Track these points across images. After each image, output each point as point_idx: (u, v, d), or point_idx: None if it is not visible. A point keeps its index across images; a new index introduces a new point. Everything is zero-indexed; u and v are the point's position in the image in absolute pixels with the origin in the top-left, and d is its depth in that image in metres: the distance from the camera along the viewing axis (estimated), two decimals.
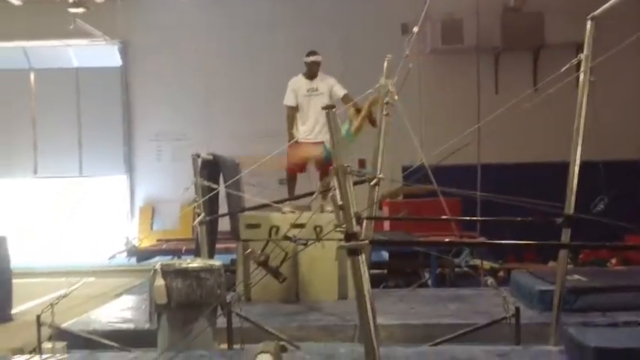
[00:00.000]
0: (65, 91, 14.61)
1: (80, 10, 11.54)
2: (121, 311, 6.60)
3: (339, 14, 13.95)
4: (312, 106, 7.68)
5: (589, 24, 4.53)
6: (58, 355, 4.85)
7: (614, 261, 9.96)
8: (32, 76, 14.72)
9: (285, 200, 7.45)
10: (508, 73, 13.52)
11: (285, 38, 13.34)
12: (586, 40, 4.56)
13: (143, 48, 14.35)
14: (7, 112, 14.60)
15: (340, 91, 7.80)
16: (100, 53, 14.41)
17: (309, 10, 13.86)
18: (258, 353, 3.42)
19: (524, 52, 13.63)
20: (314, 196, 4.64)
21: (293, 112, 7.80)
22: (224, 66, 14.01)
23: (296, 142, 7.50)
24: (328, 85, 7.78)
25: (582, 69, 4.53)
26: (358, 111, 7.18)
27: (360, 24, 13.87)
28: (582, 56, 4.55)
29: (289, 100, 7.84)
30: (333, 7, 13.94)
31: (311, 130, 7.73)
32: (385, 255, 10.31)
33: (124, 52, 14.41)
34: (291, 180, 7.85)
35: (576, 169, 4.54)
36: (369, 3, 13.76)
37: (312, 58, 7.83)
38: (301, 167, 7.87)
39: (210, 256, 6.87)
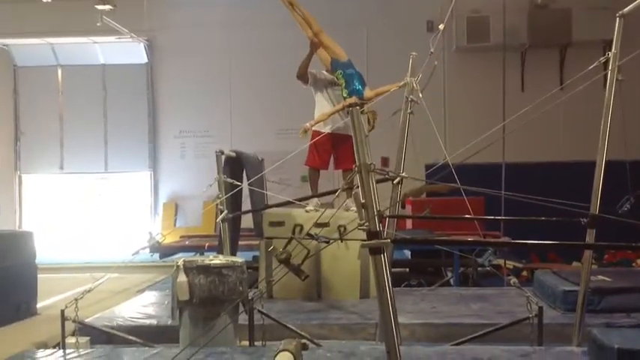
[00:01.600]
0: (92, 88, 14.77)
1: (107, 7, 11.63)
2: (143, 307, 6.64)
3: (364, 11, 13.92)
4: (335, 97, 7.57)
5: (618, 21, 4.47)
6: (81, 349, 4.90)
7: (639, 261, 9.84)
8: (60, 73, 14.88)
9: (309, 197, 7.41)
10: (534, 71, 13.43)
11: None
12: (614, 38, 4.50)
13: (169, 45, 14.47)
14: (34, 108, 14.81)
15: None
16: (126, 50, 14.53)
17: (334, 7, 13.83)
18: (280, 351, 3.42)
19: (551, 49, 13.52)
20: (337, 193, 4.62)
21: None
22: (248, 64, 14.07)
23: (314, 132, 7.39)
24: None
25: (610, 67, 4.47)
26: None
27: (385, 21, 13.83)
28: (610, 54, 4.49)
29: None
30: (358, 4, 13.92)
31: (334, 121, 7.56)
32: (407, 253, 10.27)
33: (150, 50, 14.54)
34: (313, 176, 7.72)
35: (602, 168, 4.48)
36: (393, 1, 13.71)
37: None
38: (324, 163, 7.72)
39: (233, 252, 6.89)
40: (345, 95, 7.24)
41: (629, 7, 4.37)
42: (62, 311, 4.99)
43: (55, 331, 5.26)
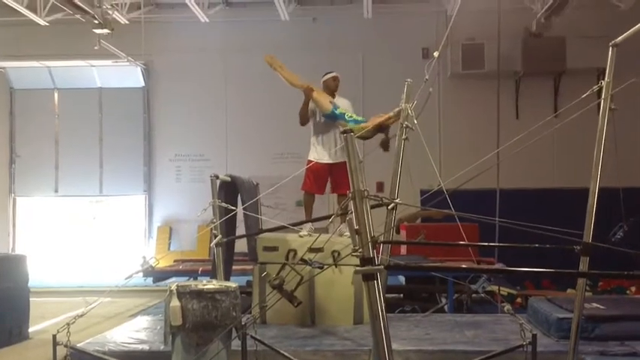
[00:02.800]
0: (88, 111, 14.81)
1: (105, 31, 11.69)
2: (136, 332, 6.60)
3: (360, 38, 14.03)
4: (332, 125, 7.57)
5: (611, 50, 4.50)
6: None
7: (633, 289, 9.84)
8: (56, 96, 14.91)
9: (303, 222, 7.41)
10: (529, 98, 13.53)
11: (305, 62, 13.37)
12: (607, 66, 4.53)
13: (165, 70, 14.54)
14: (30, 130, 14.82)
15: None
16: (123, 74, 14.57)
17: (329, 33, 13.95)
18: None
19: (546, 77, 13.62)
20: (332, 218, 4.62)
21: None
22: (243, 88, 14.13)
23: (309, 161, 7.46)
24: (346, 105, 7.66)
25: (603, 96, 4.50)
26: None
27: (381, 48, 13.93)
28: (603, 83, 4.52)
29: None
30: (354, 31, 14.03)
31: (325, 148, 7.59)
32: (402, 279, 10.25)
33: (147, 74, 14.59)
34: (308, 200, 7.74)
35: (595, 196, 4.49)
36: (390, 27, 13.83)
37: (332, 75, 7.69)
38: (320, 188, 7.75)
39: (227, 277, 6.86)
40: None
41: (622, 37, 4.41)
42: (54, 336, 4.96)
43: (47, 355, 5.22)
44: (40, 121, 14.86)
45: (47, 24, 12.69)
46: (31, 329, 7.38)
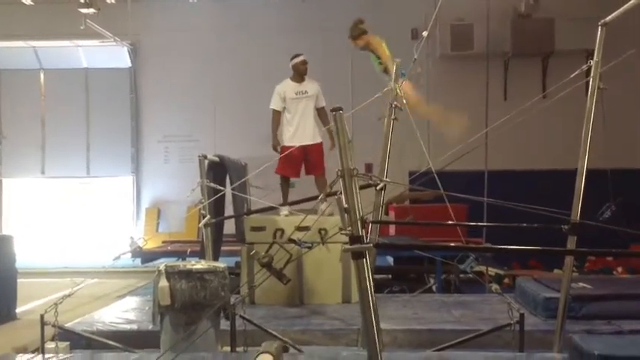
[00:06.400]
0: (74, 92, 14.71)
1: (91, 10, 11.55)
2: (124, 312, 6.59)
3: (348, 19, 13.90)
4: (301, 108, 7.63)
5: (600, 30, 4.50)
6: (60, 354, 4.86)
7: (619, 269, 9.92)
8: (42, 76, 14.80)
9: (291, 203, 7.44)
10: (517, 79, 13.52)
11: (293, 43, 13.31)
12: (596, 46, 4.53)
13: (152, 50, 14.42)
14: (16, 111, 14.72)
15: (321, 102, 7.78)
16: (109, 54, 14.47)
17: (318, 14, 13.86)
18: (260, 353, 3.41)
19: (534, 58, 13.62)
20: (319, 199, 4.62)
21: (278, 116, 7.75)
22: (232, 69, 14.06)
23: (284, 147, 7.49)
24: (315, 89, 7.73)
25: (592, 75, 4.50)
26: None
27: (369, 28, 13.78)
28: (592, 63, 4.52)
29: (275, 104, 7.73)
30: (342, 12, 13.91)
31: (298, 131, 7.65)
32: (390, 260, 10.29)
33: (134, 54, 14.48)
34: (284, 183, 7.83)
35: (583, 176, 4.51)
36: (379, 8, 13.75)
37: (301, 58, 7.72)
38: (294, 171, 7.81)
39: (215, 258, 6.86)
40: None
41: (610, 16, 4.40)
42: (42, 316, 4.94)
43: (35, 335, 5.20)
44: (26, 101, 14.75)
45: (32, 3, 12.56)
46: (18, 310, 7.35)
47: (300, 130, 7.61)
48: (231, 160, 7.61)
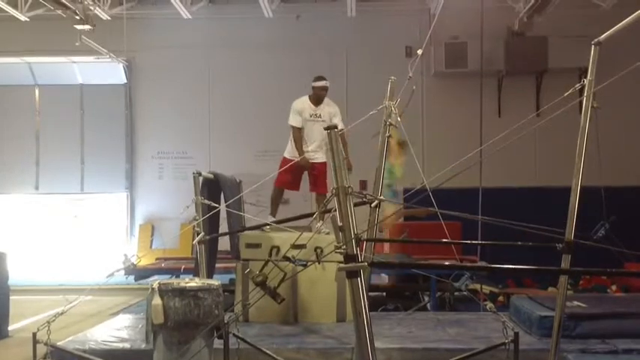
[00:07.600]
0: (69, 108, 14.71)
1: (86, 27, 11.57)
2: (117, 330, 6.55)
3: (343, 36, 14.01)
4: (314, 129, 7.67)
5: (593, 49, 4.52)
6: None
7: (614, 288, 9.90)
8: (37, 92, 14.78)
9: (285, 220, 7.41)
10: (511, 97, 13.58)
11: (288, 59, 13.43)
12: (590, 65, 4.54)
13: (148, 66, 14.44)
14: (11, 127, 14.67)
15: (338, 124, 7.78)
16: (104, 70, 14.47)
17: (313, 31, 13.92)
18: None
19: (528, 76, 13.69)
20: (314, 216, 4.61)
21: (299, 132, 7.68)
22: (226, 86, 14.08)
23: (285, 159, 7.50)
24: (330, 114, 7.71)
25: (585, 94, 4.51)
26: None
27: (365, 46, 13.93)
28: (586, 81, 4.54)
29: (295, 122, 7.67)
30: (337, 29, 14.01)
31: (314, 151, 7.71)
32: (385, 277, 10.26)
33: (129, 70, 14.48)
34: (277, 195, 7.80)
35: (577, 194, 4.51)
36: (373, 25, 13.84)
37: (321, 84, 7.70)
38: (295, 184, 7.81)
39: (209, 275, 6.83)
40: None
41: (604, 35, 4.42)
42: (34, 334, 4.90)
43: (27, 353, 5.16)
44: (21, 117, 14.72)
45: (28, 19, 12.58)
46: (10, 327, 7.31)
47: (313, 149, 7.65)
48: (225, 177, 7.61)
